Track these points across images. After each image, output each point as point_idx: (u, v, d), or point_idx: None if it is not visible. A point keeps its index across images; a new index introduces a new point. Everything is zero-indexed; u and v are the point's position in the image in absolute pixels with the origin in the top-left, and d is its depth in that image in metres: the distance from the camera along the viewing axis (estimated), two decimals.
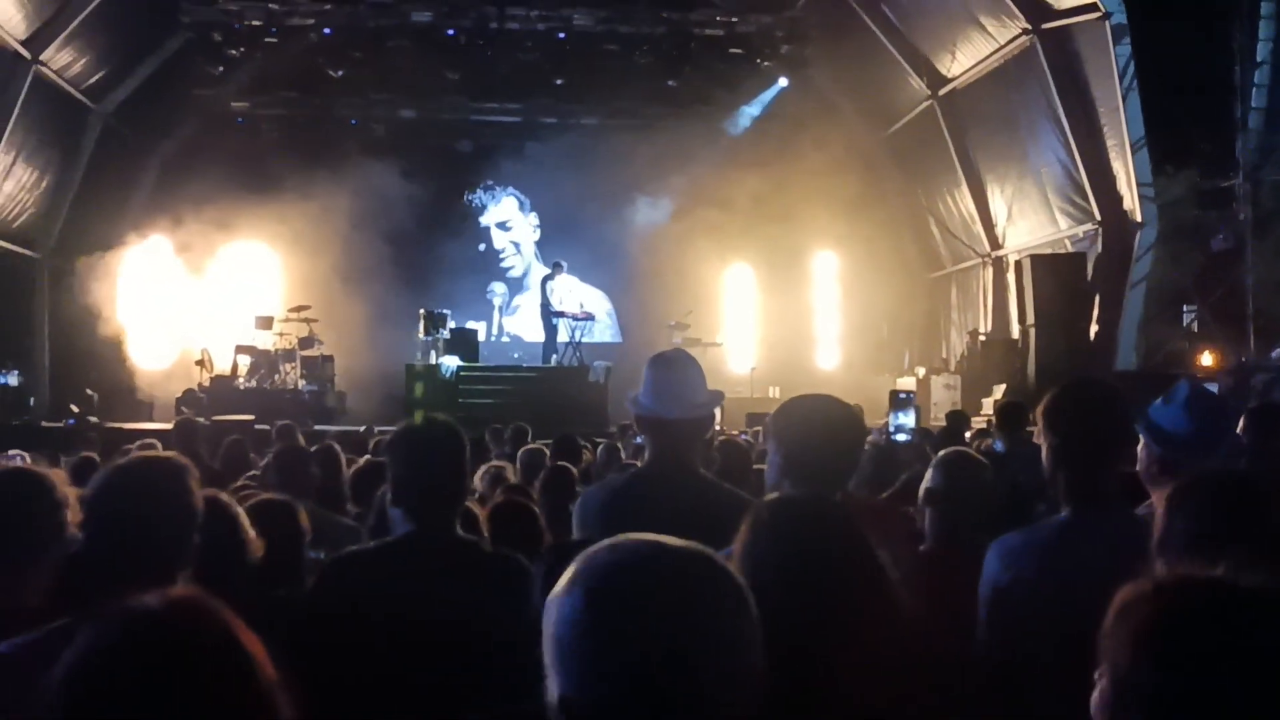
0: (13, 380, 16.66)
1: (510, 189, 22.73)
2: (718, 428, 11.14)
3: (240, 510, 2.96)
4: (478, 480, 5.74)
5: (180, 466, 2.55)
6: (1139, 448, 3.07)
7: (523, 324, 22.03)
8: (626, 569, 1.28)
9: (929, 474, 3.90)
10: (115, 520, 2.43)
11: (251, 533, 2.88)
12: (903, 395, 14.33)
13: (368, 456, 6.60)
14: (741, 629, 1.28)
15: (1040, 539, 2.94)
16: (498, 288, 22.67)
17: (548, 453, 6.94)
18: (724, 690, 1.24)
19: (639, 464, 6.41)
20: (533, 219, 22.78)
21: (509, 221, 22.81)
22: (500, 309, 22.61)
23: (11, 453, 7.94)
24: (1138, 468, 3.07)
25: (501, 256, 22.79)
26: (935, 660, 2.17)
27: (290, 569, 3.34)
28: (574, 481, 5.40)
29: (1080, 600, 2.73)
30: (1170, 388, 3.19)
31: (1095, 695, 1.48)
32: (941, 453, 4.10)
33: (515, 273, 22.77)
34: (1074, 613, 2.73)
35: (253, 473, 6.63)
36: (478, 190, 22.57)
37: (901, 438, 11.01)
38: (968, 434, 8.09)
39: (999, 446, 6.92)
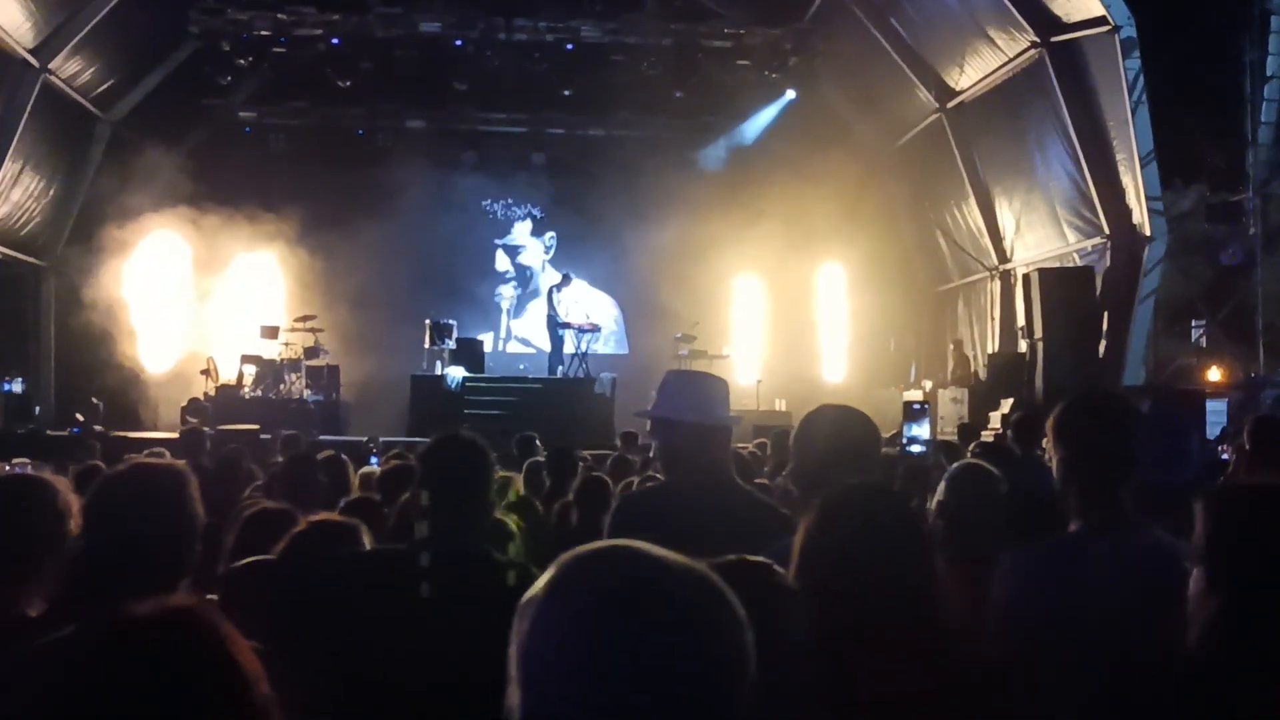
0: (18, 388, 16.67)
1: (526, 210, 22.58)
2: None
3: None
4: None
5: (180, 473, 2.51)
6: None
7: (530, 328, 21.93)
8: (617, 587, 1.16)
9: (941, 487, 3.87)
10: (113, 527, 2.39)
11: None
12: (916, 406, 14.38)
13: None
14: (733, 657, 1.17)
15: (1050, 553, 2.91)
16: (505, 291, 22.59)
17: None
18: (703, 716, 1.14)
19: (652, 471, 6.43)
20: (547, 238, 22.62)
21: (521, 248, 22.70)
22: (508, 312, 22.54)
23: (17, 461, 7.94)
24: None
25: (507, 276, 22.69)
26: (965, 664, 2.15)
27: None
28: (609, 492, 5.39)
29: (1087, 613, 2.72)
30: None
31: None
32: (954, 465, 4.07)
33: (519, 290, 22.69)
34: (1081, 626, 2.71)
35: (258, 482, 6.62)
36: (497, 204, 22.44)
37: (916, 449, 11.01)
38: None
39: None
